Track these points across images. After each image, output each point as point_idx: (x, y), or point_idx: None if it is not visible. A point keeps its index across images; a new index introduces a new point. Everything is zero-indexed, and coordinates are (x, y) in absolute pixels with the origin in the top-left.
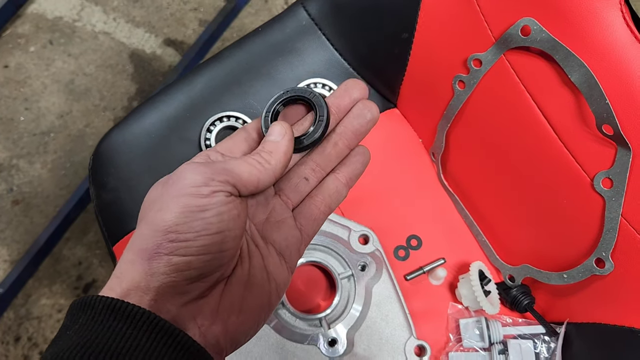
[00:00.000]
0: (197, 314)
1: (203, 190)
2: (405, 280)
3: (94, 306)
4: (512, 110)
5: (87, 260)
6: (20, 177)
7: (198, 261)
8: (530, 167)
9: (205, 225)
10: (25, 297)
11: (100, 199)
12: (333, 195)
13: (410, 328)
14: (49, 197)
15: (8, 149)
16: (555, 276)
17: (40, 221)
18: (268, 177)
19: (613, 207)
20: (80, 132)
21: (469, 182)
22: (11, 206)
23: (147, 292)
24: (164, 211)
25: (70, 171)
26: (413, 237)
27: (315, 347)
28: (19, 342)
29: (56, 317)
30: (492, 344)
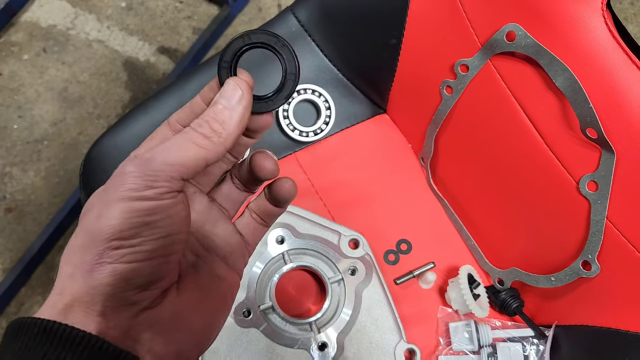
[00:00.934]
0: (153, 324)
1: (148, 194)
2: (395, 284)
3: (29, 330)
4: (499, 114)
5: None
6: (14, 184)
7: (146, 267)
8: (516, 170)
9: (153, 229)
10: (18, 305)
11: None
12: (263, 211)
13: (400, 332)
14: (42, 205)
15: (1, 156)
16: (543, 279)
17: (33, 229)
18: (218, 153)
19: (598, 210)
20: (73, 140)
21: (458, 187)
22: (4, 214)
23: (93, 306)
24: (104, 218)
25: (64, 179)
26: (403, 241)
27: (306, 351)
28: None
29: None
30: (481, 347)
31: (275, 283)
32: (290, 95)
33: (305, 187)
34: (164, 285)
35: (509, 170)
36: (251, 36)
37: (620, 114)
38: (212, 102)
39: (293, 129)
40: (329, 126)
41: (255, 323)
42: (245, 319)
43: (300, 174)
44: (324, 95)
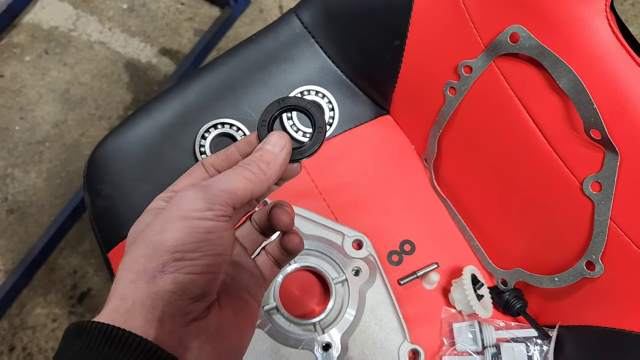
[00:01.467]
0: (201, 333)
1: (207, 215)
2: (399, 285)
3: (90, 332)
4: (502, 115)
5: (82, 269)
6: (15, 186)
7: (201, 280)
8: (520, 172)
9: (210, 246)
10: (20, 307)
11: (95, 206)
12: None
13: (404, 332)
14: (44, 206)
15: (3, 158)
16: (546, 280)
17: (35, 230)
18: (262, 189)
19: (602, 211)
20: (75, 142)
21: (461, 188)
22: (6, 215)
23: (153, 311)
24: (167, 231)
25: (66, 180)
26: (406, 242)
27: (310, 351)
28: (13, 351)
29: (51, 327)
30: (485, 347)
31: (279, 284)
32: (320, 146)
33: (309, 188)
34: (211, 299)
35: (513, 171)
36: (285, 100)
37: (623, 114)
38: (258, 148)
39: (297, 130)
40: (332, 127)
41: (260, 324)
42: None
43: (304, 174)
44: (327, 97)
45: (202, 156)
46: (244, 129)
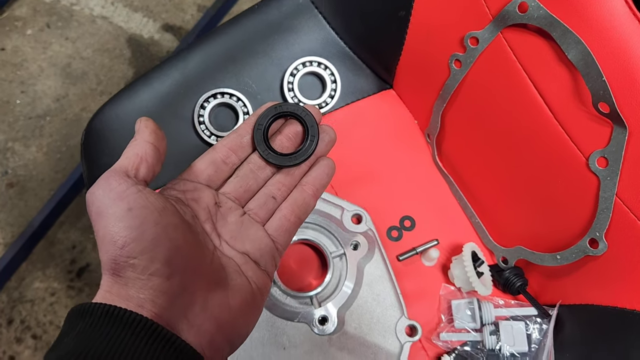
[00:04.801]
0: (188, 311)
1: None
2: (398, 261)
3: (93, 313)
4: (508, 88)
5: (81, 244)
6: (16, 160)
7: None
8: (525, 147)
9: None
10: (19, 280)
11: (91, 174)
12: (301, 206)
13: (401, 308)
14: (44, 180)
15: (3, 131)
16: (548, 257)
17: (34, 204)
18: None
19: (608, 187)
20: (76, 116)
21: (464, 164)
22: (6, 189)
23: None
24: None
25: (66, 155)
26: (406, 218)
27: (306, 324)
28: (12, 324)
29: (49, 301)
30: (483, 325)
31: None
32: (311, 154)
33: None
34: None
35: (517, 147)
36: (282, 106)
37: (634, 87)
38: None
39: (298, 102)
40: (334, 100)
41: None
42: None
43: None
44: (330, 69)
45: (201, 126)
46: (244, 99)
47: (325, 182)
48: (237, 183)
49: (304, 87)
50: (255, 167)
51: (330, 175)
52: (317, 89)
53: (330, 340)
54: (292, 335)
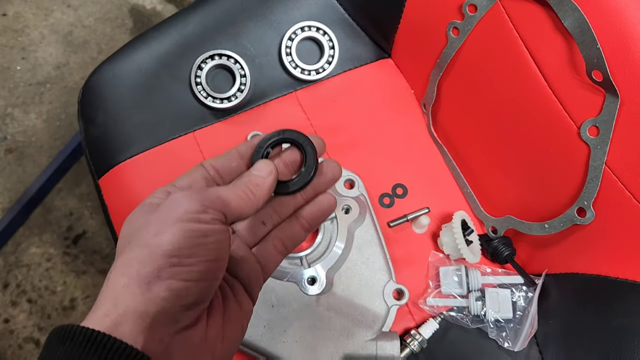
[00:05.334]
0: (188, 343)
1: (202, 217)
2: (388, 227)
3: (74, 337)
4: (504, 57)
5: (79, 212)
6: (15, 126)
7: (196, 287)
8: (519, 116)
9: (206, 251)
10: (15, 245)
11: (88, 132)
12: (291, 238)
13: (390, 272)
14: (43, 147)
15: (3, 97)
16: (536, 227)
17: (33, 171)
18: (250, 209)
19: (597, 156)
20: (76, 85)
21: (458, 134)
22: (4, 154)
23: (144, 317)
24: (163, 234)
25: (65, 122)
26: (399, 185)
27: (295, 284)
28: (7, 288)
29: (45, 266)
30: (470, 291)
31: None
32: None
33: (304, 127)
34: (203, 307)
35: (511, 115)
36: (286, 133)
37: (628, 56)
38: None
39: (295, 66)
40: (331, 66)
41: None
42: None
43: (300, 113)
44: (328, 34)
45: (198, 87)
46: (241, 62)
47: (320, 219)
48: None
49: (302, 52)
50: None
51: (328, 213)
52: (315, 55)
53: (318, 300)
54: (280, 294)
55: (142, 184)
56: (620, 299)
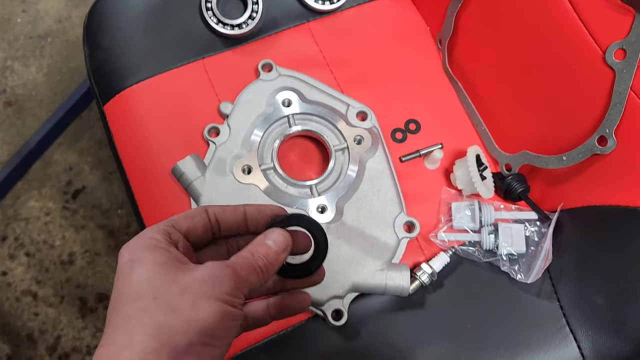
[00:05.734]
0: None
1: (236, 302)
2: (400, 162)
3: None
4: None
5: (78, 167)
6: (15, 79)
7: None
8: (540, 44)
9: (231, 334)
10: (14, 199)
11: (93, 58)
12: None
13: (401, 204)
14: (43, 101)
15: (3, 50)
16: (554, 160)
17: (32, 124)
18: (259, 285)
19: (623, 80)
20: (78, 39)
21: (475, 69)
22: (3, 107)
23: None
24: (200, 309)
25: (66, 77)
26: (412, 121)
27: (304, 211)
28: (6, 241)
29: (44, 220)
30: (482, 226)
31: (278, 145)
32: (317, 269)
33: (317, 59)
34: None
35: (532, 44)
36: (305, 217)
37: None
38: (261, 240)
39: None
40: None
41: (255, 179)
42: (245, 175)
43: (312, 44)
44: None
45: (208, 12)
46: None
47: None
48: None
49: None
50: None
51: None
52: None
53: (328, 229)
54: None
55: (148, 111)
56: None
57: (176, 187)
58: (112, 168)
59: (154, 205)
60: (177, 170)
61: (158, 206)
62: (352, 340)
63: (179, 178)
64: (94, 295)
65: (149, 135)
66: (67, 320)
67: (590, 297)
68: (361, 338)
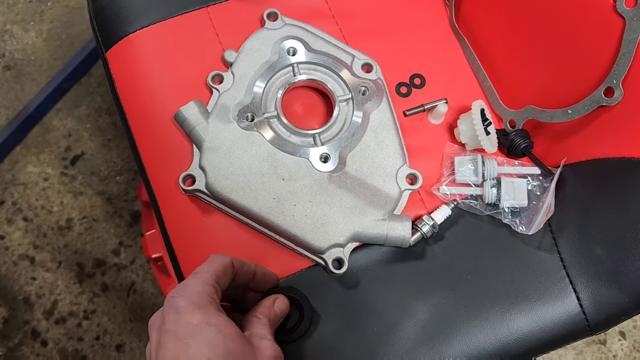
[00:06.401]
0: None
1: None
2: (404, 116)
3: None
4: None
5: (77, 133)
6: (14, 43)
7: None
8: None
9: None
10: (12, 163)
11: (95, 2)
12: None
13: (404, 157)
14: (42, 66)
15: (2, 13)
16: (559, 113)
17: (31, 89)
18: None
19: (633, 28)
20: (78, 4)
21: (481, 23)
22: (2, 71)
23: None
24: None
25: (66, 42)
26: (417, 75)
27: (306, 160)
28: (3, 205)
29: (42, 185)
30: (485, 180)
31: (282, 93)
32: (299, 339)
33: (322, 10)
34: None
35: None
36: (298, 294)
37: None
38: (269, 306)
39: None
40: None
41: (259, 127)
42: (248, 122)
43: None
44: None
45: None
46: None
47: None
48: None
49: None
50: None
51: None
52: None
53: (330, 178)
54: (292, 168)
55: (151, 58)
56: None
57: (179, 133)
58: (111, 135)
59: (157, 152)
60: (179, 115)
61: (161, 153)
62: (352, 289)
63: (182, 123)
64: (92, 260)
65: (152, 82)
66: (64, 285)
67: (591, 248)
68: (361, 287)
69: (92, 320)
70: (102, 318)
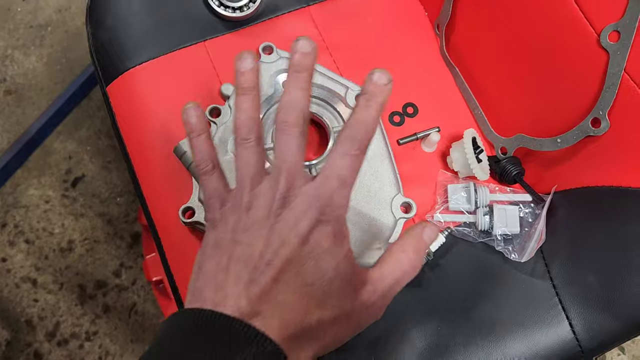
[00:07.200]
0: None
1: None
2: (398, 145)
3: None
4: None
5: (78, 155)
6: (15, 68)
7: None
8: (535, 27)
9: None
10: (14, 186)
11: (96, 38)
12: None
13: (398, 186)
14: (43, 90)
15: (3, 39)
16: (548, 142)
17: (32, 113)
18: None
19: (616, 62)
20: (78, 30)
21: (472, 53)
22: (3, 96)
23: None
24: None
25: (66, 67)
26: (409, 105)
27: None
28: (5, 228)
29: (43, 208)
30: (477, 207)
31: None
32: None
33: (317, 43)
34: None
35: (527, 27)
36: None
37: None
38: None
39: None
40: None
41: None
42: None
43: (312, 28)
44: None
45: None
46: None
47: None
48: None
49: None
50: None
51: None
52: None
53: None
54: None
55: (151, 92)
56: (632, 207)
57: (178, 167)
58: (111, 157)
59: (157, 184)
60: (178, 149)
61: (161, 185)
62: None
63: (181, 157)
64: (93, 282)
65: (151, 116)
66: (66, 306)
67: (582, 275)
68: None
69: (94, 341)
70: (104, 339)
